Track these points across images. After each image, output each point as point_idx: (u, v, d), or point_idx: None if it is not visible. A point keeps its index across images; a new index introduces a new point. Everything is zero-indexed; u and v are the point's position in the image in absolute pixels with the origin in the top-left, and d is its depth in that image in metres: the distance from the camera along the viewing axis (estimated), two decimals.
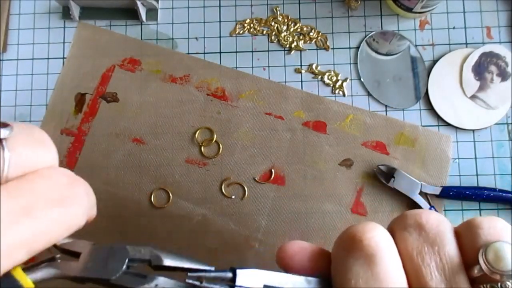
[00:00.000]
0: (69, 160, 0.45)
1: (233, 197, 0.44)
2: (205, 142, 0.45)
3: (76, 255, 0.20)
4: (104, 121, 0.46)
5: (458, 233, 0.21)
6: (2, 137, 0.18)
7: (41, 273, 0.20)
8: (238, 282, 0.21)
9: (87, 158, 0.45)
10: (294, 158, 0.45)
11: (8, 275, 0.18)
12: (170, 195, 0.44)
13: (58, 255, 0.20)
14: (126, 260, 0.20)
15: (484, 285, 0.19)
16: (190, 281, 0.21)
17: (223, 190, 0.44)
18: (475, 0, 0.47)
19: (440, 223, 0.21)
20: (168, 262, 0.21)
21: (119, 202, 0.44)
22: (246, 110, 0.45)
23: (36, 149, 0.20)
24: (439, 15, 0.47)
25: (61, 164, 0.45)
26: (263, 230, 0.44)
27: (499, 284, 0.18)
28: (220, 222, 0.44)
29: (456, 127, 0.45)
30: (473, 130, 0.45)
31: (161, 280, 0.20)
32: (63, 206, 0.19)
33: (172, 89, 0.46)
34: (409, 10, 0.45)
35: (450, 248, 0.20)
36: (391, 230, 0.22)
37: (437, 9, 0.46)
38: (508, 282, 0.18)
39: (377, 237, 0.20)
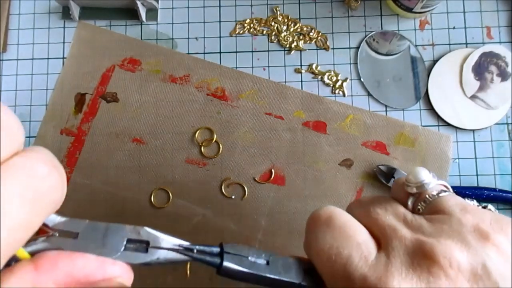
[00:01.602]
0: (69, 160, 0.45)
1: (233, 197, 0.44)
2: (205, 142, 0.45)
3: (73, 235, 0.20)
4: (104, 121, 0.46)
5: (393, 189, 0.27)
6: None
7: (37, 246, 0.19)
8: (225, 258, 0.22)
9: (87, 158, 0.45)
10: (294, 158, 0.45)
11: None
12: (170, 195, 0.44)
13: (57, 234, 0.20)
14: (125, 240, 0.20)
15: (420, 205, 0.24)
16: (184, 248, 0.22)
17: (223, 190, 0.44)
18: (475, 0, 0.47)
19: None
20: (165, 243, 0.21)
21: (119, 202, 0.44)
22: (246, 110, 0.45)
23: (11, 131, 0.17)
24: (439, 15, 0.47)
25: (61, 164, 0.45)
26: (263, 230, 0.44)
27: (427, 196, 0.24)
28: (220, 222, 0.44)
29: (456, 127, 0.45)
30: (473, 130, 0.45)
31: (162, 253, 0.21)
32: (36, 200, 0.17)
33: (172, 89, 0.46)
34: (409, 10, 0.45)
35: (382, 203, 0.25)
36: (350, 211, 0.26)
37: (437, 9, 0.46)
38: (428, 187, 0.24)
39: (330, 208, 0.25)
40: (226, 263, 0.22)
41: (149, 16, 0.48)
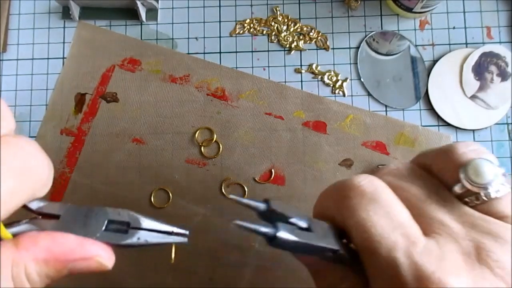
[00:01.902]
0: (69, 160, 0.45)
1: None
2: (205, 142, 0.45)
3: (55, 217, 0.21)
4: (104, 121, 0.46)
5: (431, 164, 0.23)
6: None
7: (20, 228, 0.20)
8: (279, 227, 0.21)
9: (87, 158, 0.45)
10: (294, 158, 0.45)
11: None
12: (170, 195, 0.44)
13: (39, 217, 0.20)
14: (106, 221, 0.21)
15: (469, 198, 0.21)
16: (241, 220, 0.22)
17: (223, 190, 0.44)
18: (475, 0, 0.47)
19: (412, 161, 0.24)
20: (146, 224, 0.21)
21: (119, 202, 0.44)
22: (246, 110, 0.45)
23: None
24: (439, 15, 0.47)
25: (61, 164, 0.45)
26: None
27: (482, 193, 0.20)
28: (220, 222, 0.44)
29: (456, 127, 0.45)
30: (473, 130, 0.45)
31: (142, 233, 0.21)
32: (25, 175, 0.19)
33: (172, 89, 0.46)
34: (409, 10, 0.45)
35: (432, 182, 0.22)
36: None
37: (437, 9, 0.46)
38: (488, 191, 0.20)
39: (373, 181, 0.22)
40: (281, 234, 0.21)
41: (149, 16, 0.48)
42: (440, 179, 0.22)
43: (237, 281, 0.43)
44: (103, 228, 0.21)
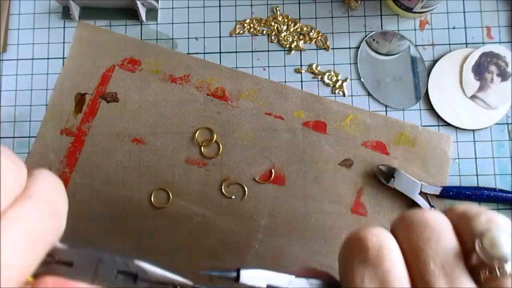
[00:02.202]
0: (69, 160, 0.45)
1: (233, 197, 0.44)
2: (205, 142, 0.45)
3: (68, 264, 0.22)
4: (104, 121, 0.46)
5: (455, 224, 0.21)
6: None
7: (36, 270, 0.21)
8: (242, 280, 0.22)
9: (87, 158, 0.45)
10: (294, 158, 0.45)
11: None
12: (170, 195, 0.44)
13: (53, 260, 0.22)
14: (116, 271, 0.22)
15: (484, 270, 0.19)
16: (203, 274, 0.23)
17: (223, 190, 0.44)
18: (475, 0, 0.47)
19: (436, 219, 0.21)
20: (153, 277, 0.23)
21: (119, 202, 0.44)
22: (246, 110, 0.45)
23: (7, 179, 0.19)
24: (439, 15, 0.47)
25: (61, 164, 0.45)
26: (263, 230, 0.44)
27: (497, 268, 0.19)
28: (220, 222, 0.44)
29: (456, 127, 0.45)
30: (473, 130, 0.45)
31: (149, 284, 0.22)
32: (36, 245, 0.19)
33: (172, 89, 0.46)
34: (409, 10, 0.45)
35: (447, 243, 0.21)
36: (392, 232, 0.22)
37: (437, 9, 0.46)
38: (505, 264, 0.19)
39: (381, 239, 0.21)
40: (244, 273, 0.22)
41: (149, 16, 0.48)
42: (461, 243, 0.21)
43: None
44: (114, 277, 0.22)
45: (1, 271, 0.17)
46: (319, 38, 0.47)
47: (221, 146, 0.45)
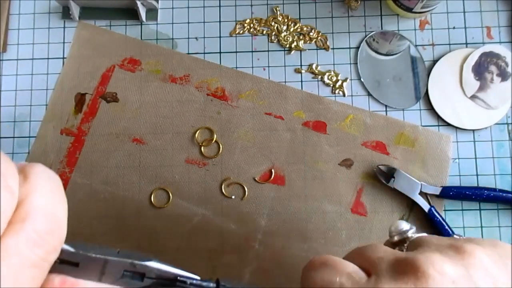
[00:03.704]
0: (69, 160, 0.45)
1: (233, 197, 0.44)
2: (205, 142, 0.45)
3: (74, 264, 0.21)
4: (104, 121, 0.46)
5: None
6: None
7: None
8: None
9: (87, 158, 0.45)
10: (294, 158, 0.45)
11: None
12: (170, 195, 0.44)
13: (58, 261, 0.21)
14: (122, 271, 0.22)
15: (403, 246, 0.27)
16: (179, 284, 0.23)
17: (223, 190, 0.44)
18: (475, 0, 0.47)
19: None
20: (160, 273, 0.23)
21: (119, 202, 0.44)
22: (246, 110, 0.45)
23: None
24: (439, 15, 0.47)
25: (61, 164, 0.45)
26: (263, 230, 0.44)
27: (407, 238, 0.27)
28: (220, 222, 0.44)
29: (456, 127, 0.45)
30: (473, 130, 0.45)
31: (156, 282, 0.23)
32: (41, 263, 0.19)
33: (172, 89, 0.46)
34: (409, 10, 0.45)
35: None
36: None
37: (437, 9, 0.46)
38: (409, 235, 0.27)
39: (325, 255, 0.27)
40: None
41: (149, 16, 0.48)
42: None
43: (237, 281, 0.43)
44: (120, 276, 0.22)
45: None
46: (319, 38, 0.47)
47: (221, 146, 0.45)
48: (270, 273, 0.43)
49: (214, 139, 0.45)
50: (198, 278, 0.24)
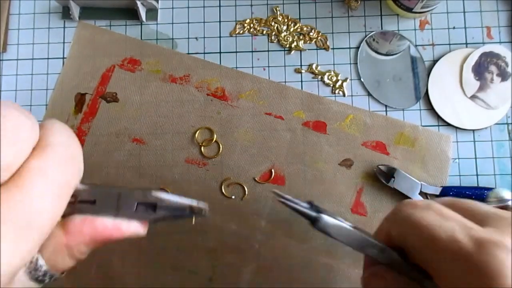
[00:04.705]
0: None
1: (233, 197, 0.44)
2: (205, 142, 0.45)
3: (91, 201, 0.24)
4: (104, 121, 0.46)
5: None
6: None
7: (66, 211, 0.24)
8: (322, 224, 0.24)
9: (87, 158, 0.45)
10: (294, 158, 0.45)
11: None
12: None
13: (77, 199, 0.24)
14: (136, 204, 0.24)
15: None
16: (282, 200, 0.25)
17: (223, 190, 0.44)
18: (475, 0, 0.47)
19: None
20: (170, 202, 0.25)
21: None
22: (246, 110, 0.45)
23: (14, 142, 0.19)
24: (439, 15, 0.47)
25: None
26: (263, 230, 0.44)
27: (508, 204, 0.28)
28: (220, 222, 0.44)
29: (456, 127, 0.45)
30: (473, 130, 0.45)
31: (167, 213, 0.25)
32: (62, 194, 0.21)
33: (172, 89, 0.46)
34: (409, 10, 0.45)
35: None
36: None
37: (437, 9, 0.46)
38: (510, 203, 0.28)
39: (423, 200, 0.25)
40: (325, 216, 0.24)
41: (149, 16, 0.48)
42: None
43: (237, 281, 0.43)
44: (134, 209, 0.24)
45: (34, 219, 0.19)
46: (319, 38, 0.47)
47: (221, 146, 0.45)
48: (270, 273, 0.43)
49: (214, 139, 0.45)
50: (206, 207, 0.25)
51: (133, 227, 0.24)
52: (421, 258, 0.23)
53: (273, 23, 0.47)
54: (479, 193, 0.42)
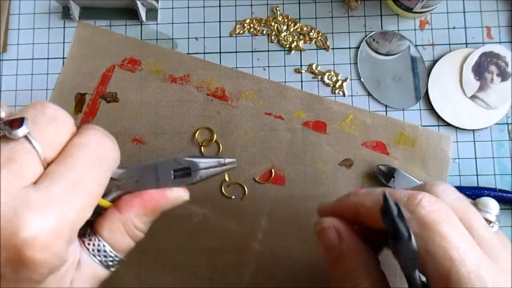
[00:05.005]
0: None
1: (233, 197, 0.44)
2: (205, 142, 0.45)
3: (133, 179, 0.27)
4: (104, 121, 0.46)
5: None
6: (23, 135, 0.21)
7: (113, 195, 0.27)
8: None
9: None
10: (294, 158, 0.45)
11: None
12: None
13: (122, 181, 0.27)
14: (172, 172, 0.27)
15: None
16: None
17: (223, 190, 0.44)
18: (475, 0, 0.47)
19: None
20: (202, 164, 0.27)
21: None
22: (246, 110, 0.45)
23: (55, 125, 0.23)
24: (439, 15, 0.47)
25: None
26: (263, 230, 0.44)
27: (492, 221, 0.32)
28: (220, 222, 0.44)
29: (456, 127, 0.45)
30: (473, 130, 0.45)
31: (202, 173, 0.27)
32: (101, 163, 0.24)
33: (172, 89, 0.46)
34: (409, 10, 0.45)
35: None
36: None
37: (437, 9, 0.46)
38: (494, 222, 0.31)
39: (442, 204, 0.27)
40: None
41: (149, 16, 0.48)
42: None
43: (237, 281, 0.43)
44: (172, 177, 0.27)
45: (82, 179, 0.22)
46: (319, 38, 0.47)
47: (221, 146, 0.45)
48: (270, 273, 0.43)
49: (214, 139, 0.45)
50: (234, 160, 0.28)
51: (176, 192, 0.27)
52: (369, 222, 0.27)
53: (273, 23, 0.47)
54: (479, 193, 0.42)
